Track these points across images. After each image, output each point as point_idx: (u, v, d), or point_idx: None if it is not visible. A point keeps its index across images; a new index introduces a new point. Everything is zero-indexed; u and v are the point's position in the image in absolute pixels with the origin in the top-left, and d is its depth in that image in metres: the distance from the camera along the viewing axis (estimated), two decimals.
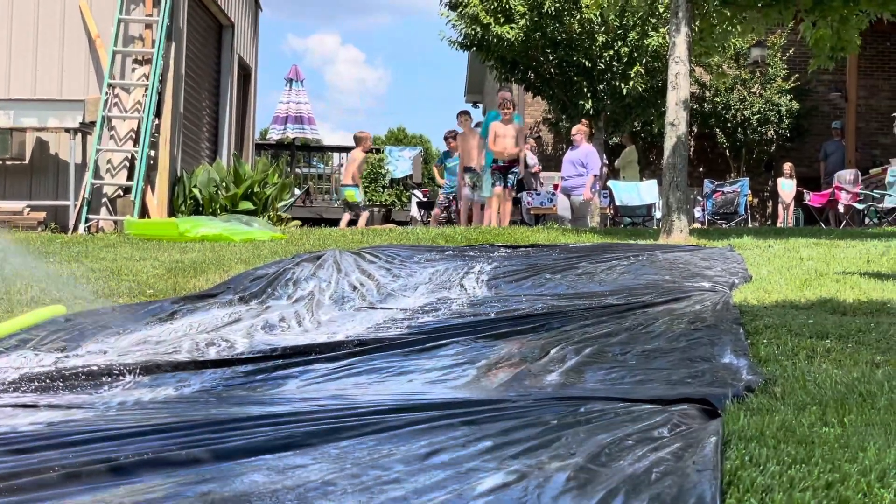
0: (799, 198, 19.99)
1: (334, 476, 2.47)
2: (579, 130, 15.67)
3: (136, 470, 2.58)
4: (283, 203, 15.68)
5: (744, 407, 3.31)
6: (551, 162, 21.15)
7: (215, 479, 2.50)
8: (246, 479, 2.49)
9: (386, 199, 24.45)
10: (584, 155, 15.34)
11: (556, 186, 17.96)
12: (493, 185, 14.01)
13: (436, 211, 17.61)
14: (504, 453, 2.66)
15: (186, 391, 4.04)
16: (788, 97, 22.06)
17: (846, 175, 18.70)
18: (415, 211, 22.97)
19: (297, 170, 25.75)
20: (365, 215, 15.89)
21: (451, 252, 8.88)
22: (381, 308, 6.51)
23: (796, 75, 22.05)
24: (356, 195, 15.76)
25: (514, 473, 2.45)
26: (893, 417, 3.16)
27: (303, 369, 4.48)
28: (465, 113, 15.29)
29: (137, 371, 4.36)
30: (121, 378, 4.27)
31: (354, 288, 7.21)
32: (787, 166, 20.36)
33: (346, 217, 15.78)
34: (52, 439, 2.90)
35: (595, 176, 15.54)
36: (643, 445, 2.68)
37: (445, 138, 17.41)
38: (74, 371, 4.29)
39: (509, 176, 14.06)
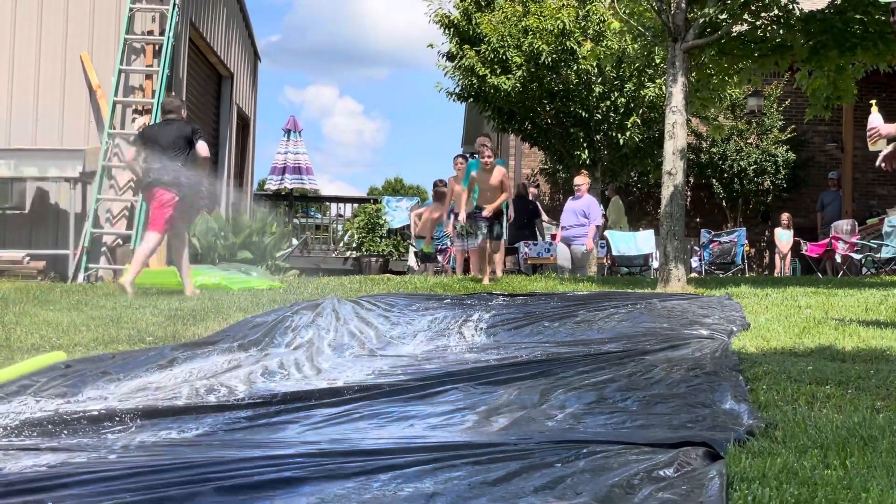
0: (796, 248, 20.02)
1: None
2: (583, 181, 15.68)
3: None
4: (281, 252, 15.71)
5: (745, 450, 3.32)
6: (549, 213, 21.18)
7: None
8: None
9: (383, 249, 24.43)
10: (586, 205, 15.37)
11: (553, 236, 17.98)
12: (477, 236, 13.31)
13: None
14: (509, 494, 2.67)
15: (188, 435, 4.04)
16: (785, 148, 22.16)
17: (843, 225, 18.75)
18: (412, 261, 22.98)
19: (295, 220, 25.80)
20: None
21: (449, 300, 8.90)
22: (381, 355, 6.51)
23: (793, 126, 22.17)
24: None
25: None
26: (895, 460, 3.17)
27: (303, 415, 4.48)
28: (463, 156, 15.14)
29: (139, 416, 4.36)
30: (122, 423, 4.26)
31: (353, 335, 7.22)
32: (784, 217, 20.42)
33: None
34: (55, 480, 2.90)
35: (597, 226, 15.56)
36: (649, 485, 2.69)
37: (434, 185, 17.49)
38: (76, 416, 4.29)
39: (495, 227, 12.92)
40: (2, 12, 13.58)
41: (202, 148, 10.23)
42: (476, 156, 13.35)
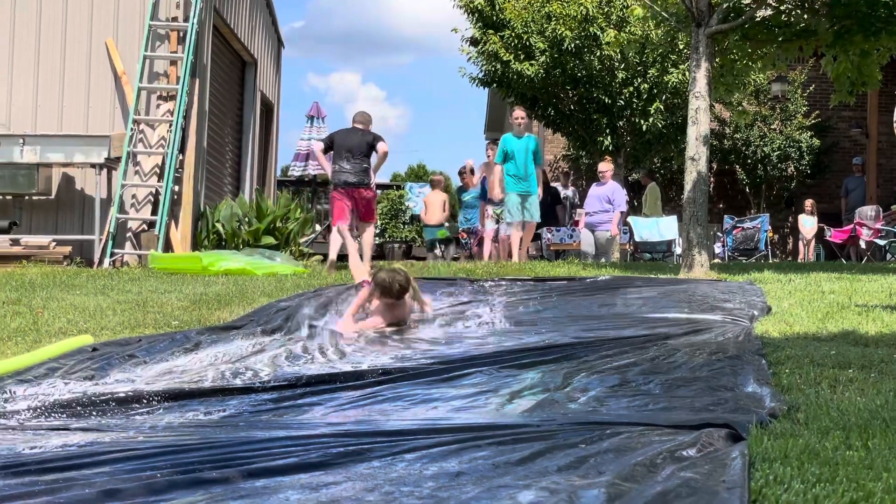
0: (820, 234, 19.95)
1: (368, 493, 2.51)
2: (608, 167, 15.67)
3: (171, 488, 2.62)
4: (304, 238, 15.76)
5: (767, 432, 3.34)
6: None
7: (250, 495, 2.54)
8: (280, 495, 2.53)
9: (406, 236, 24.51)
10: (611, 191, 15.36)
11: (576, 223, 17.98)
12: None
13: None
14: (533, 473, 2.70)
15: (214, 417, 4.09)
16: (809, 134, 22.05)
17: (867, 211, 18.67)
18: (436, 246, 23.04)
19: (318, 206, 25.87)
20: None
21: (471, 285, 8.93)
22: (405, 338, 6.56)
23: (817, 112, 22.07)
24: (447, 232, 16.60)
25: (545, 491, 2.49)
26: None
27: (328, 397, 4.53)
28: (494, 142, 15.14)
29: (165, 398, 4.42)
30: (149, 404, 4.32)
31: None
32: (808, 203, 20.33)
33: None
34: (87, 458, 2.95)
35: (622, 212, 15.55)
36: (672, 465, 2.72)
37: (460, 173, 17.54)
38: (104, 397, 4.35)
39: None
40: (28, 0, 13.67)
41: (384, 146, 11.82)
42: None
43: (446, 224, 18.29)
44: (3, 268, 11.31)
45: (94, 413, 4.13)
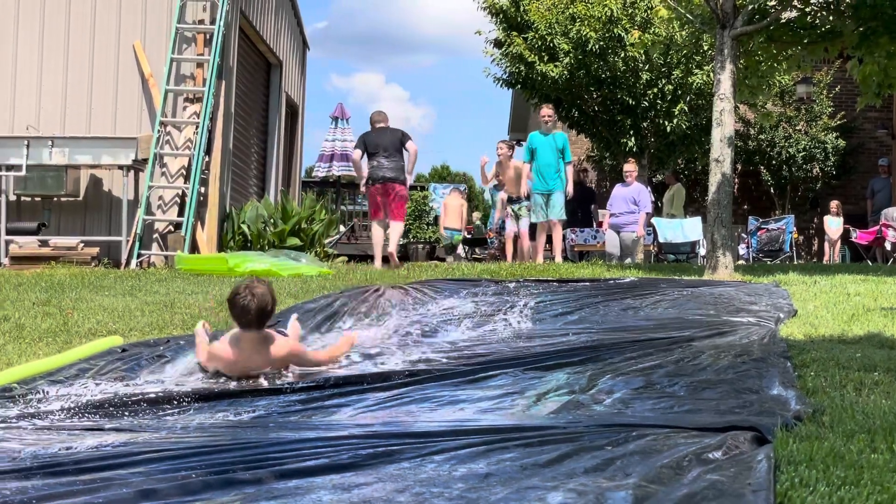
0: (845, 235, 19.88)
1: (398, 494, 2.55)
2: (633, 167, 15.65)
3: (205, 488, 2.67)
4: (329, 239, 15.83)
5: (792, 434, 3.36)
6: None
7: (283, 496, 2.58)
8: (313, 496, 2.57)
9: (430, 236, 24.55)
10: (636, 192, 15.35)
11: (600, 224, 17.97)
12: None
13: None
14: (561, 474, 2.74)
15: (244, 417, 4.14)
16: (834, 135, 21.98)
17: (893, 212, 18.60)
18: (459, 247, 23.09)
19: (343, 207, 25.95)
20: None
21: (495, 287, 8.96)
22: (429, 341, 6.59)
23: (842, 113, 22.00)
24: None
25: (573, 492, 2.53)
26: None
27: (355, 398, 4.57)
28: (504, 141, 15.21)
29: (195, 398, 4.48)
30: (180, 405, 4.38)
31: (401, 321, 7.30)
32: (833, 204, 20.27)
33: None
34: (121, 458, 3.01)
35: (648, 213, 15.54)
36: (698, 467, 2.75)
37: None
38: (135, 398, 4.42)
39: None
40: (57, 4, 13.78)
41: (413, 145, 12.59)
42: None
43: (464, 229, 18.45)
44: (33, 269, 11.43)
45: (126, 413, 4.19)
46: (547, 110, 13.97)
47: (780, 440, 3.23)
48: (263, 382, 4.96)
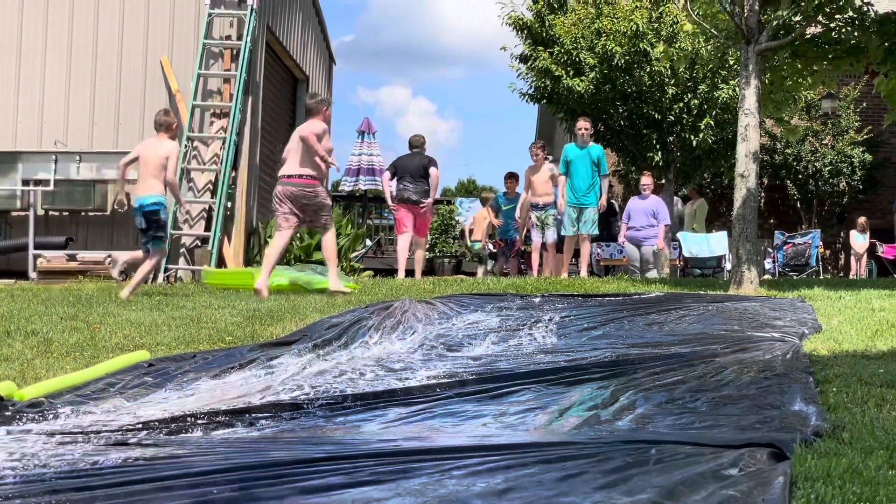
0: (872, 250, 19.78)
1: None
2: (650, 180, 15.59)
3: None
4: (355, 253, 15.89)
5: (811, 451, 3.38)
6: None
7: None
8: None
9: (456, 250, 24.56)
10: (655, 205, 15.30)
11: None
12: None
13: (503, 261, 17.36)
14: (578, 490, 2.77)
15: (267, 432, 4.18)
16: (861, 149, 21.89)
17: None
18: (480, 272, 23.07)
19: (369, 221, 26.01)
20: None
21: (520, 301, 8.98)
22: (453, 355, 6.61)
23: (869, 127, 21.91)
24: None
25: None
26: None
27: (379, 413, 4.61)
28: (535, 144, 14.90)
29: (220, 413, 4.52)
30: (205, 419, 4.42)
31: (426, 336, 7.33)
32: (860, 220, 20.16)
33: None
34: (146, 473, 3.05)
35: (667, 226, 15.49)
36: (714, 483, 2.77)
37: (505, 179, 17.16)
38: (161, 412, 4.46)
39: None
40: (85, 20, 13.93)
41: (435, 171, 13.54)
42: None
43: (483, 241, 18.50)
44: (61, 283, 11.54)
45: (152, 428, 4.23)
46: (583, 122, 13.89)
47: (799, 456, 3.25)
48: (285, 398, 5.01)
